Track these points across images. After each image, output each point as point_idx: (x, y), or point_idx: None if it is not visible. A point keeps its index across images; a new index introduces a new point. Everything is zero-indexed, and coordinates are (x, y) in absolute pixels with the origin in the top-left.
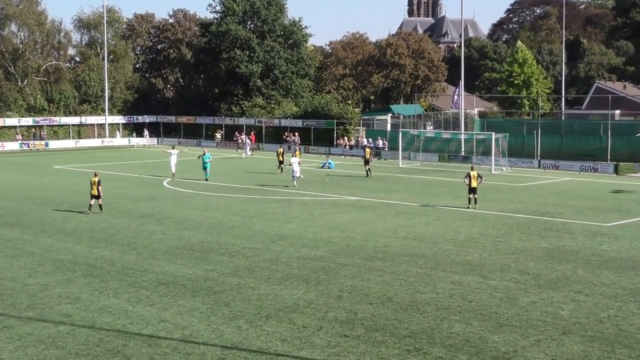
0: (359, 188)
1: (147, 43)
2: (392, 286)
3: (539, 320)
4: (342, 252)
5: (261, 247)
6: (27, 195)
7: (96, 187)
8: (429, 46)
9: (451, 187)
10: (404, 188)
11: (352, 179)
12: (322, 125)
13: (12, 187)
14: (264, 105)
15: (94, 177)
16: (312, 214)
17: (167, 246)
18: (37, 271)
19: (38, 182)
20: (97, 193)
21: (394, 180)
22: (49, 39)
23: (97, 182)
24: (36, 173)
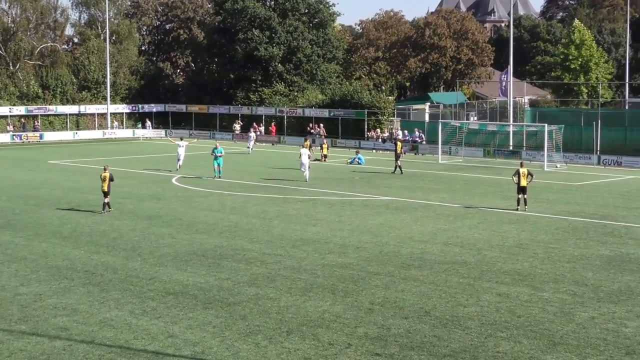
0: (392, 187)
1: (153, 22)
2: (430, 298)
3: (599, 339)
4: (373, 259)
5: (282, 253)
6: (19, 194)
7: (107, 183)
8: (473, 26)
9: (498, 186)
10: (444, 187)
11: (384, 177)
12: (351, 116)
13: (1, 184)
14: (285, 92)
15: (104, 171)
16: (339, 215)
17: (176, 251)
18: (30, 279)
19: (31, 179)
20: (107, 189)
21: (433, 178)
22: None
23: (109, 177)
24: (29, 169)
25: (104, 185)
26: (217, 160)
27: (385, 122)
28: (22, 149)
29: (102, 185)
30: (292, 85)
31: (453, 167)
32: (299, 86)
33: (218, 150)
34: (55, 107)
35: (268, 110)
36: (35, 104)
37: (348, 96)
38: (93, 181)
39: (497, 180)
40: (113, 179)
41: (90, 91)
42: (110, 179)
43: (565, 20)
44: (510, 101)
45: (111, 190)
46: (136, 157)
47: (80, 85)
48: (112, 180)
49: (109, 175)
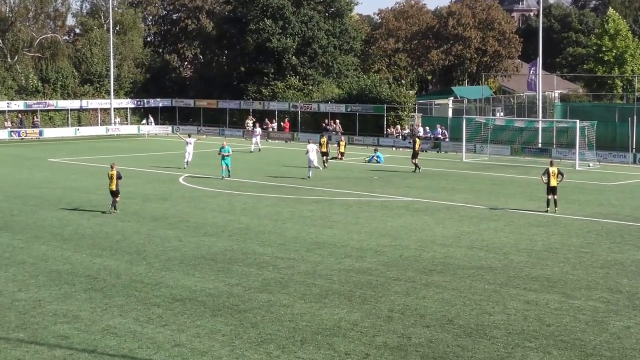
0: (413, 187)
1: (160, 12)
2: (454, 305)
3: (634, 350)
4: (393, 264)
5: (296, 257)
6: (18, 194)
7: (115, 182)
8: (500, 15)
9: (526, 187)
10: (468, 187)
11: (405, 176)
12: (369, 111)
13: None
14: (299, 86)
15: (111, 169)
16: (357, 217)
17: (183, 255)
18: (28, 284)
19: (30, 178)
20: (115, 188)
21: (456, 177)
22: (43, 7)
23: (116, 175)
24: (28, 167)
25: (111, 185)
26: (224, 160)
27: (406, 118)
28: (20, 146)
29: (109, 184)
30: (306, 78)
31: (478, 166)
32: (313, 80)
33: (225, 149)
34: (55, 101)
35: (281, 105)
36: (34, 98)
37: (366, 90)
38: (96, 180)
39: (525, 180)
40: (121, 177)
41: (92, 85)
42: (117, 177)
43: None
44: (539, 96)
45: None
46: (141, 155)
47: (82, 78)
48: (119, 178)
49: (117, 173)
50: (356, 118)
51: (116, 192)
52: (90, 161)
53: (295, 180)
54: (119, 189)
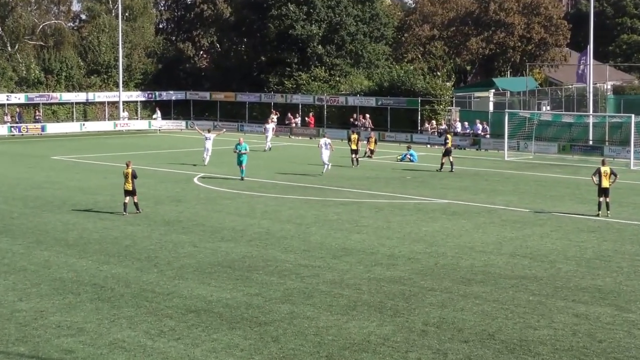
0: (450, 188)
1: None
2: (495, 319)
3: None
4: (427, 273)
5: (321, 264)
6: (17, 195)
7: (130, 180)
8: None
9: (574, 188)
10: (511, 188)
11: (441, 176)
12: (402, 105)
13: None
14: (325, 78)
15: (127, 167)
16: (388, 221)
17: (198, 262)
18: (29, 293)
19: (31, 177)
20: (131, 188)
21: (498, 177)
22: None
23: (132, 173)
24: (29, 165)
25: (127, 184)
26: (240, 158)
27: (442, 112)
28: (20, 143)
29: (124, 183)
30: (333, 69)
31: (521, 165)
32: (341, 70)
33: (242, 146)
34: (59, 94)
35: (305, 98)
36: (36, 90)
37: (398, 82)
38: (103, 180)
39: (574, 180)
40: (136, 176)
41: (99, 76)
42: (133, 175)
43: None
44: (590, 88)
45: (119, 191)
46: (152, 153)
47: (89, 69)
48: (135, 177)
49: (132, 172)
50: (387, 112)
51: (132, 192)
52: (97, 159)
53: (321, 180)
54: (135, 188)
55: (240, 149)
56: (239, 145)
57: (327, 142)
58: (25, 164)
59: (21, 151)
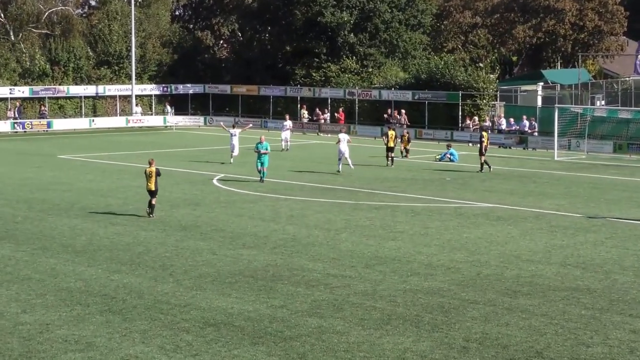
0: (494, 190)
1: None
2: (543, 334)
3: None
4: (469, 284)
5: (352, 274)
6: (22, 197)
7: (154, 180)
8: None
9: (632, 191)
10: (561, 191)
11: (483, 177)
12: (441, 99)
13: (0, 185)
14: (357, 69)
15: (150, 166)
16: (426, 227)
17: (217, 271)
18: (34, 304)
19: (37, 178)
20: (154, 188)
21: (547, 179)
22: None
23: (155, 172)
24: (34, 165)
25: (150, 184)
26: (260, 159)
27: (485, 107)
28: (25, 140)
29: (147, 183)
30: (365, 60)
31: (573, 166)
32: (374, 61)
33: (263, 145)
34: (66, 87)
35: (335, 92)
36: (41, 83)
37: (437, 74)
38: (114, 181)
39: (632, 182)
40: (160, 174)
41: (110, 68)
42: (157, 174)
43: None
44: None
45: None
46: (168, 152)
47: (99, 60)
48: (159, 175)
49: (156, 170)
50: (425, 107)
51: (155, 192)
52: (107, 158)
53: (352, 181)
54: (157, 188)
55: (260, 149)
56: (260, 144)
57: (346, 138)
58: (29, 163)
59: (25, 149)
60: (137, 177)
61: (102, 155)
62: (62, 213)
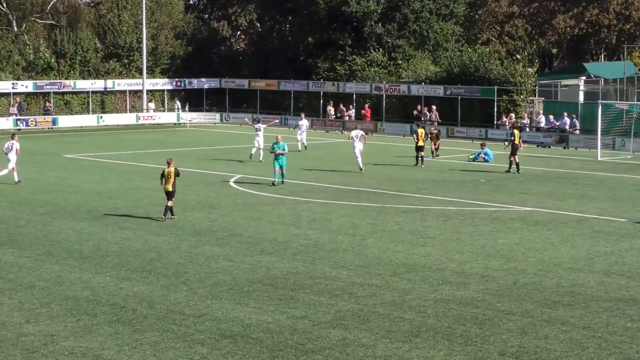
0: (532, 193)
1: None
2: (585, 349)
3: None
4: (505, 293)
5: (379, 282)
6: (24, 199)
7: (173, 180)
8: None
9: None
10: (605, 194)
11: (521, 179)
12: (475, 95)
13: (1, 186)
14: (384, 63)
15: (168, 166)
16: (458, 232)
17: (234, 279)
18: (38, 314)
19: (41, 179)
20: (172, 189)
21: (589, 180)
22: None
23: (174, 173)
24: (38, 165)
25: (168, 184)
26: (278, 160)
27: (523, 103)
28: (28, 138)
29: (165, 184)
30: (393, 52)
31: (618, 167)
32: (403, 54)
33: (280, 145)
34: (73, 81)
35: (361, 87)
36: (46, 77)
37: (471, 67)
38: (124, 182)
39: None
40: (179, 175)
41: (120, 61)
42: (176, 174)
43: None
44: None
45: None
46: (181, 151)
47: (108, 52)
48: (178, 175)
49: (175, 171)
50: (458, 104)
51: (172, 194)
52: (116, 158)
53: (378, 183)
54: (175, 189)
55: (277, 149)
56: (277, 145)
57: (360, 134)
58: (33, 162)
59: (28, 148)
60: (148, 178)
61: (111, 155)
62: (68, 216)
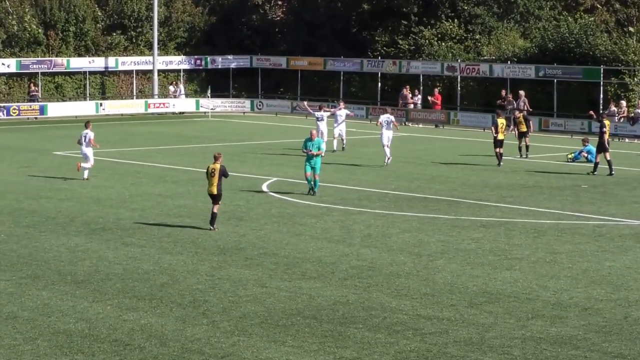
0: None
1: None
2: None
3: None
4: (613, 331)
5: (451, 315)
6: (6, 207)
7: (217, 181)
8: None
9: None
10: None
11: (635, 184)
12: (575, 77)
13: None
14: (460, 36)
15: (214, 162)
16: (553, 252)
17: (267, 310)
18: (21, 352)
19: (26, 183)
20: (217, 191)
21: None
22: None
23: (220, 171)
24: (22, 164)
25: (212, 186)
26: (310, 162)
27: (637, 87)
28: (10, 131)
29: (209, 185)
30: (471, 23)
31: None
32: (483, 25)
33: (313, 143)
34: (65, 59)
35: (429, 66)
36: (32, 54)
37: (571, 42)
38: (129, 186)
39: None
40: (227, 175)
41: (125, 34)
42: (222, 173)
43: None
44: None
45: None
46: (201, 147)
47: (110, 23)
48: (225, 176)
49: (221, 169)
50: (553, 88)
51: (218, 197)
52: (120, 156)
53: (451, 189)
54: (221, 192)
55: (310, 148)
56: (310, 142)
57: (390, 119)
58: (16, 162)
59: (11, 143)
60: (160, 182)
61: (113, 152)
62: (59, 229)
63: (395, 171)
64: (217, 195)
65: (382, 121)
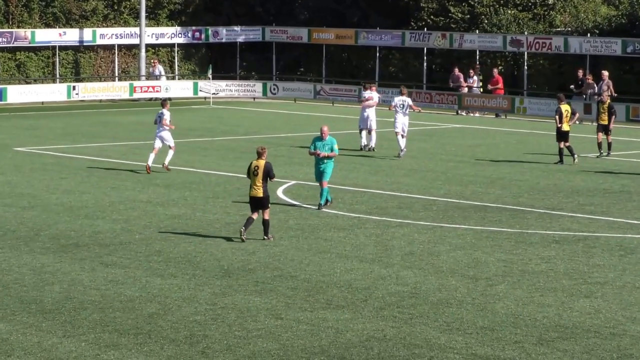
0: None
1: None
2: None
3: None
4: None
5: (516, 354)
6: None
7: (261, 181)
8: None
9: None
10: None
11: None
12: None
13: None
14: (526, 3)
15: (258, 158)
16: None
17: (283, 347)
18: None
19: None
20: (262, 194)
21: None
22: None
23: (264, 170)
24: None
25: (255, 187)
26: (319, 166)
27: None
28: None
29: (251, 185)
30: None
31: None
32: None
33: (325, 143)
34: (30, 31)
35: (488, 40)
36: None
37: None
38: (108, 191)
39: None
40: (272, 175)
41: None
42: (267, 173)
43: None
44: None
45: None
46: (201, 142)
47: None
48: (270, 177)
49: (266, 167)
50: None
51: (264, 202)
52: (98, 153)
53: (515, 194)
54: (268, 194)
55: (319, 148)
56: (319, 141)
57: (407, 102)
58: None
59: None
60: (148, 185)
61: (89, 148)
62: (21, 245)
63: (444, 173)
64: (262, 198)
65: (396, 104)
